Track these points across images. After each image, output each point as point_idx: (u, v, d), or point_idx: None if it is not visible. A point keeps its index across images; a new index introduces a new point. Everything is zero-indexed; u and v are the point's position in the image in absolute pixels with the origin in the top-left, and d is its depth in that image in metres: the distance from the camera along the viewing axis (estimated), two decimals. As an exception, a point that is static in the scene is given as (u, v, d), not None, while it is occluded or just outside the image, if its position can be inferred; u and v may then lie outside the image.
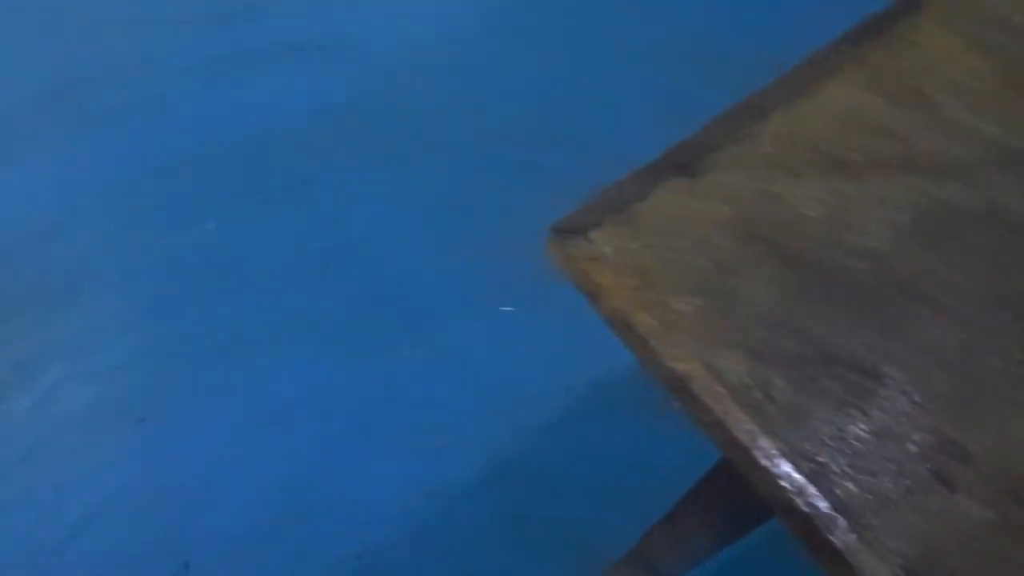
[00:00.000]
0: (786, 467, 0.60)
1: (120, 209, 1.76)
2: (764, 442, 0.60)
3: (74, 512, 1.46)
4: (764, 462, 0.60)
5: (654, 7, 2.09)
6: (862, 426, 0.61)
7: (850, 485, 0.59)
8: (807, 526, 0.59)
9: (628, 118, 1.84)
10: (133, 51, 1.98)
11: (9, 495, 1.48)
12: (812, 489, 0.59)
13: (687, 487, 0.98)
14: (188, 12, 2.09)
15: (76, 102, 1.90)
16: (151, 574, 1.43)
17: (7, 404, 1.57)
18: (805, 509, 0.58)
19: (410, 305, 1.66)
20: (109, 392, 1.56)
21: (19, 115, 1.85)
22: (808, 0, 1.96)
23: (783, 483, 0.59)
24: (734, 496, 0.83)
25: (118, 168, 1.79)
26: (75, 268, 1.66)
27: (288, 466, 1.51)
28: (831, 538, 0.56)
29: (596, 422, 1.56)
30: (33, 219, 1.74)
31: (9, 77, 1.97)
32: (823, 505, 0.58)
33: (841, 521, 0.58)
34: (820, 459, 0.60)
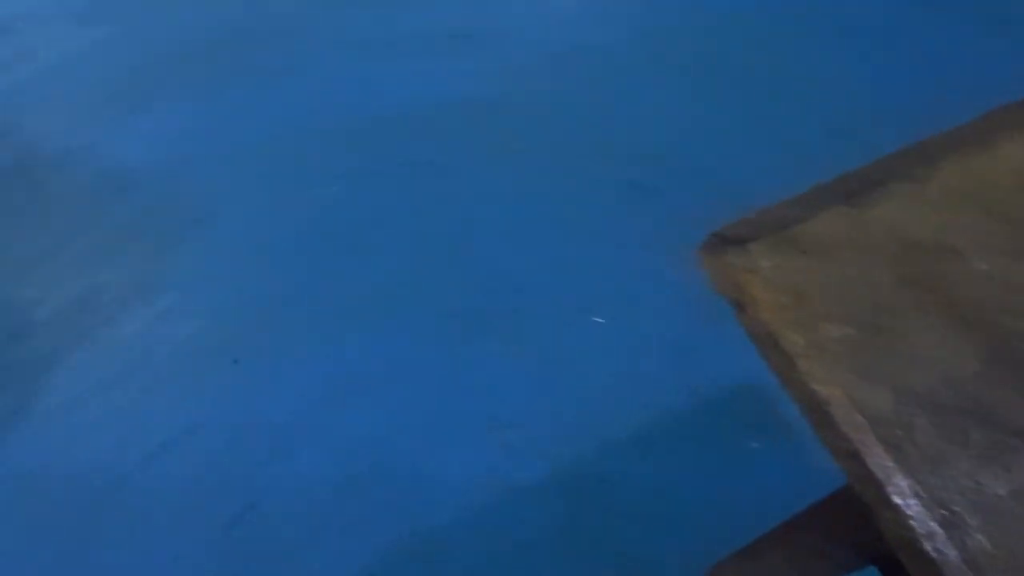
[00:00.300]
0: (919, 509, 0.59)
1: (252, 161, 1.84)
2: (899, 480, 0.60)
3: (159, 435, 1.52)
4: (896, 500, 0.59)
5: (791, 52, 2.09)
6: (1003, 484, 0.60)
7: (983, 539, 0.58)
8: (930, 572, 0.58)
9: (746, 154, 1.84)
10: (293, 20, 2.07)
11: (103, 407, 1.55)
12: (943, 536, 0.58)
13: (749, 525, 0.96)
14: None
15: (229, 58, 2.00)
16: (218, 507, 1.47)
17: (118, 323, 1.64)
18: (932, 554, 0.57)
19: (506, 300, 1.68)
20: (211, 329, 1.63)
21: (175, 63, 1.96)
22: (938, 69, 1.93)
23: (913, 524, 0.59)
24: (838, 532, 0.81)
25: (257, 123, 1.87)
26: (201, 208, 1.74)
27: (362, 432, 1.54)
28: (955, 590, 0.55)
29: (666, 446, 1.55)
30: (172, 157, 1.83)
31: (172, 28, 2.08)
32: (952, 555, 0.57)
33: (969, 575, 0.57)
34: (955, 508, 0.59)
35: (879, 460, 0.60)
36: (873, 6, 2.10)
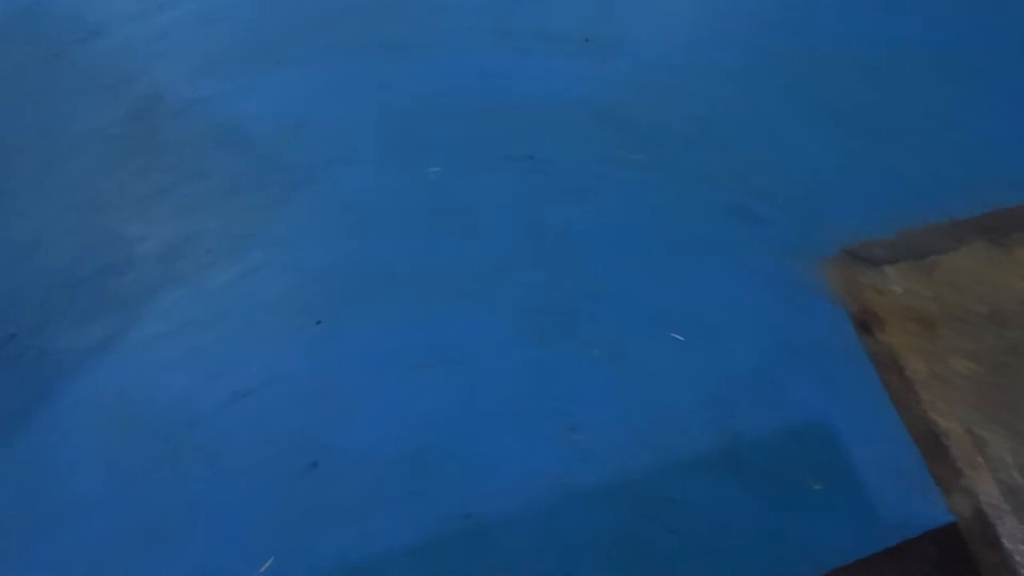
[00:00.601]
0: (1030, 555, 0.57)
1: (364, 131, 1.88)
2: (1011, 523, 0.58)
3: (234, 385, 1.56)
4: (1006, 543, 0.58)
5: (919, 96, 2.04)
6: (1122, 545, 0.58)
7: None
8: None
9: (858, 195, 1.80)
10: (425, 3, 2.12)
11: (188, 348, 1.60)
12: (1051, 587, 0.56)
13: (800, 564, 0.94)
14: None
15: (363, 29, 2.06)
16: (283, 461, 1.50)
17: (212, 272, 1.70)
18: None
19: (592, 304, 1.68)
20: (299, 289, 1.67)
21: (308, 28, 2.02)
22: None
23: (1021, 571, 0.57)
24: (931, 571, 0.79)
25: (377, 95, 1.92)
26: (308, 171, 1.79)
27: (432, 409, 1.56)
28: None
29: (731, 473, 1.53)
30: (289, 118, 1.90)
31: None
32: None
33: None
34: (1068, 561, 0.58)
35: (992, 500, 0.59)
36: (1008, 54, 2.04)
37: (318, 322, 1.65)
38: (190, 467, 1.47)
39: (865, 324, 0.66)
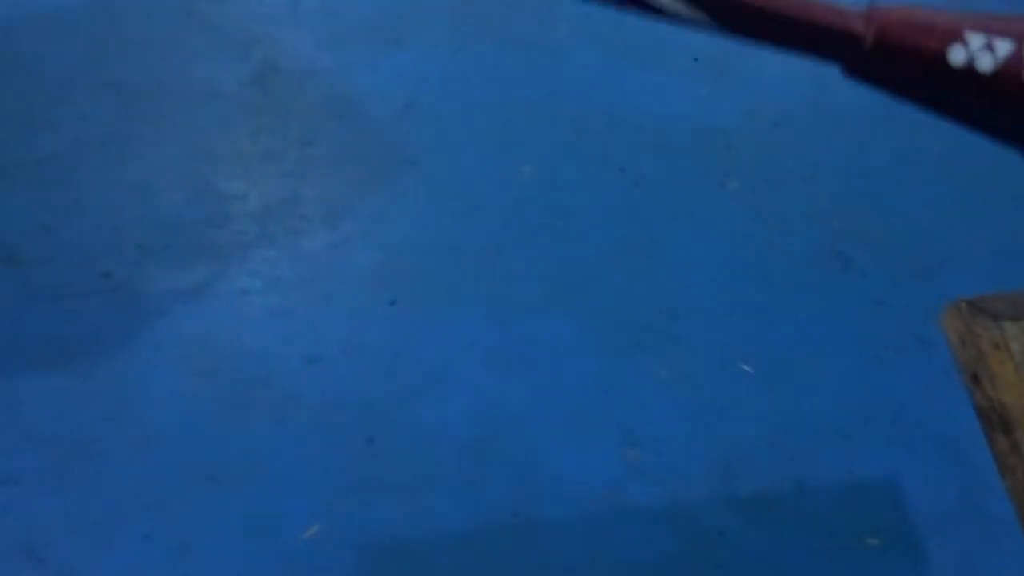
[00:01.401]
0: None
1: (476, 121, 1.91)
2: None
3: (309, 349, 1.60)
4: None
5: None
6: None
7: None
8: None
9: (964, 253, 1.75)
10: (549, 7, 2.14)
11: (266, 310, 1.65)
12: None
13: None
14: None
15: (493, 18, 2.09)
16: (342, 431, 1.53)
17: (303, 237, 1.75)
18: None
19: (671, 324, 1.67)
20: (384, 266, 1.70)
21: (440, 10, 2.07)
22: None
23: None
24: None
25: (494, 87, 1.94)
26: (411, 152, 1.82)
27: (495, 403, 1.57)
28: None
29: (788, 518, 1.50)
30: (402, 98, 1.93)
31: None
32: None
33: None
34: None
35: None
36: None
37: (392, 303, 1.68)
38: (256, 421, 1.51)
39: (976, 378, 0.63)
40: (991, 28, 0.51)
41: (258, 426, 1.50)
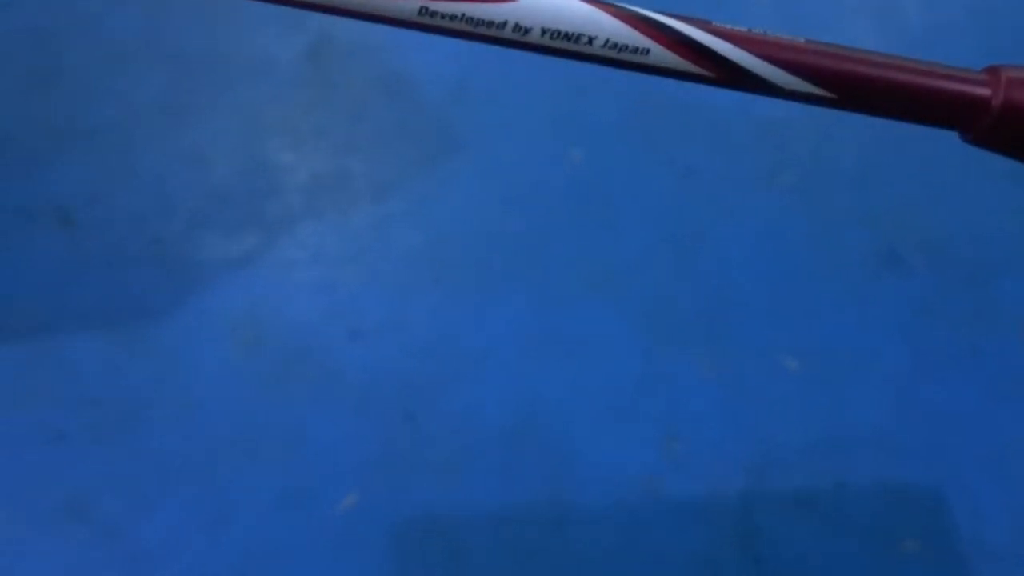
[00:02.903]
0: None
1: (531, 105, 1.86)
2: None
3: (353, 323, 1.61)
4: None
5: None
6: None
7: None
8: None
9: (1021, 260, 1.70)
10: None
11: (312, 282, 1.66)
12: None
13: None
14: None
15: None
16: (382, 407, 1.55)
17: (351, 212, 1.75)
18: None
19: (715, 319, 1.65)
20: (429, 245, 1.70)
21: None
22: None
23: None
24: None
25: (535, 70, 1.84)
26: (467, 134, 1.81)
27: (537, 389, 1.57)
28: None
29: (825, 520, 1.49)
30: (460, 80, 1.90)
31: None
32: None
33: None
34: None
35: None
36: None
37: (436, 280, 1.68)
38: (297, 392, 1.53)
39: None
40: None
41: (298, 399, 1.52)
